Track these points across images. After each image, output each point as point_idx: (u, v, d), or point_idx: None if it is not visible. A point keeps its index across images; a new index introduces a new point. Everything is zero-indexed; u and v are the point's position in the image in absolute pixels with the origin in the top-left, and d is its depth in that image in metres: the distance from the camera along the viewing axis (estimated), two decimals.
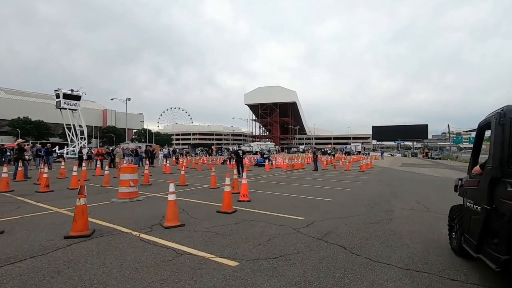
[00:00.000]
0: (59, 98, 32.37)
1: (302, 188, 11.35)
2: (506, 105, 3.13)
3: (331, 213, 6.75)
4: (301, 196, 9.23)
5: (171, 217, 5.36)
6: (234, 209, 6.81)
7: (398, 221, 6.11)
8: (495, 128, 3.15)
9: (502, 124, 3.05)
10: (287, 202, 8.25)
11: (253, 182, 13.17)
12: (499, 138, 3.07)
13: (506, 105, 3.13)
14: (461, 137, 75.45)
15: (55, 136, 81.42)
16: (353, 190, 11.06)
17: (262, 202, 8.17)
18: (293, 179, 14.76)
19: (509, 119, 3.01)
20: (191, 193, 9.78)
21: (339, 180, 14.59)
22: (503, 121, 3.04)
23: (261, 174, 17.87)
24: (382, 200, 8.72)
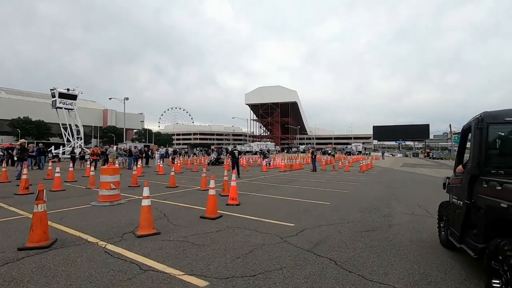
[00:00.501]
0: (55, 97, 31.93)
1: (298, 190, 10.81)
2: (484, 111, 3.46)
3: (324, 219, 6.20)
4: (295, 199, 8.69)
5: (144, 224, 4.82)
6: (219, 214, 6.28)
7: (398, 228, 5.56)
8: (474, 131, 3.49)
9: (480, 128, 3.38)
10: (279, 205, 7.71)
11: (248, 184, 12.64)
12: (477, 140, 3.39)
13: (484, 111, 3.46)
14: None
15: (56, 136, 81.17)
16: (351, 192, 10.51)
17: (252, 206, 7.64)
18: (289, 180, 14.22)
19: (486, 124, 3.35)
20: (179, 195, 9.26)
21: (337, 181, 14.04)
22: (481, 125, 3.38)
23: (258, 174, 17.34)
24: (381, 204, 8.17)
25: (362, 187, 12.14)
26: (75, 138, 33.99)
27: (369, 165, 24.37)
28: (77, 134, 34.12)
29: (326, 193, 10.23)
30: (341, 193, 10.15)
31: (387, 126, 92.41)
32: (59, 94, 31.89)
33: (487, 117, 3.41)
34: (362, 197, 9.30)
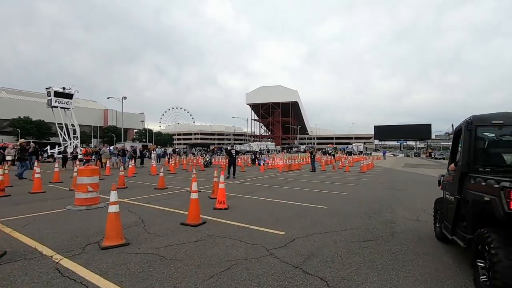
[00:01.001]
0: (50, 96, 31.30)
1: (294, 192, 10.19)
2: (473, 115, 3.76)
3: (319, 225, 5.58)
4: (289, 202, 8.07)
5: (111, 234, 4.21)
6: (203, 220, 5.67)
7: (401, 237, 4.93)
8: (464, 133, 3.80)
9: (469, 130, 3.69)
10: (272, 210, 7.09)
11: (242, 185, 12.03)
12: (467, 141, 3.71)
13: (473, 115, 3.76)
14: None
15: (57, 135, 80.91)
16: (351, 194, 9.88)
17: (242, 210, 7.02)
18: (286, 181, 13.60)
19: (474, 126, 3.65)
20: (165, 198, 8.66)
21: (337, 182, 13.41)
22: (470, 128, 3.68)
23: (255, 175, 16.72)
24: (382, 207, 7.54)
25: (362, 188, 11.50)
26: (71, 137, 33.39)
27: (370, 165, 23.70)
28: (74, 133, 33.50)
29: (323, 195, 9.60)
30: (340, 196, 9.52)
31: (388, 126, 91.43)
32: (55, 93, 31.26)
33: (475, 120, 3.73)
34: (362, 200, 8.67)
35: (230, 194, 9.43)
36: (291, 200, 8.37)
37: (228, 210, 6.87)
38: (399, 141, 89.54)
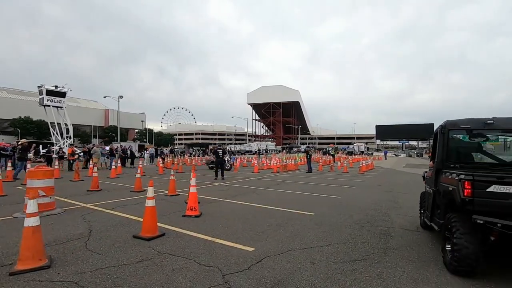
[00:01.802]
0: (42, 94, 30.64)
1: (282, 196, 9.29)
2: (447, 120, 4.39)
3: (299, 239, 4.68)
4: (273, 208, 7.16)
5: (26, 255, 3.32)
6: (161, 231, 4.79)
7: (396, 255, 4.02)
8: (439, 136, 4.49)
9: (443, 133, 4.36)
10: (250, 217, 6.19)
11: (228, 187, 11.14)
12: (441, 142, 4.39)
13: (447, 120, 4.39)
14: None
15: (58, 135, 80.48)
16: (345, 198, 8.96)
17: (216, 217, 6.13)
18: (277, 183, 12.69)
19: (447, 130, 4.32)
20: (136, 202, 7.79)
21: (332, 185, 12.49)
22: (443, 131, 4.36)
23: (246, 176, 15.83)
24: (378, 214, 6.62)
25: (358, 191, 10.58)
26: (64, 137, 32.69)
27: (369, 165, 22.75)
28: (67, 133, 32.82)
29: (314, 199, 8.69)
30: (332, 200, 8.61)
31: (390, 125, 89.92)
32: (47, 91, 30.60)
33: (448, 125, 4.30)
34: (356, 205, 7.75)
35: (211, 198, 8.57)
36: (276, 205, 7.47)
37: (200, 218, 5.99)
38: (401, 141, 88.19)
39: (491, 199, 3.26)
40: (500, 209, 3.21)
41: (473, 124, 4.21)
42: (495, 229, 3.20)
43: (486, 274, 3.43)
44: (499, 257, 3.79)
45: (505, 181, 3.22)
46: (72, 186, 10.88)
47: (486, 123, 4.11)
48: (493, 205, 3.26)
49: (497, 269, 3.64)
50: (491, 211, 3.24)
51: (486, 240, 3.37)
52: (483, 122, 4.15)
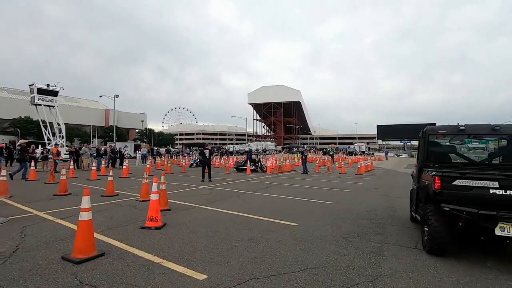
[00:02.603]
0: (33, 93, 29.87)
1: (268, 201, 8.38)
2: (427, 127, 5.17)
3: (268, 261, 3.78)
4: (252, 217, 6.27)
5: None
6: (99, 251, 3.90)
7: (389, 285, 3.11)
8: (421, 140, 5.25)
9: (424, 138, 5.06)
10: (220, 229, 5.29)
11: (212, 191, 10.24)
12: (422, 145, 5.14)
13: (427, 127, 5.17)
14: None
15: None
16: (336, 204, 8.04)
17: (180, 230, 5.23)
18: (268, 186, 11.78)
19: (427, 134, 5.00)
20: (98, 210, 6.90)
21: (325, 188, 11.55)
22: (424, 136, 5.06)
23: (237, 178, 14.93)
24: (370, 226, 5.71)
25: (353, 195, 9.65)
26: (56, 137, 31.92)
27: (368, 166, 21.79)
28: (59, 132, 32.04)
29: (302, 205, 7.78)
30: (322, 206, 7.69)
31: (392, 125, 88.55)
32: (38, 90, 29.84)
33: (428, 130, 5.08)
34: (347, 213, 6.84)
35: (186, 203, 7.68)
36: (257, 213, 6.57)
37: (160, 231, 5.09)
38: (402, 141, 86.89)
39: (456, 191, 3.95)
40: (463, 199, 3.90)
41: (448, 130, 4.92)
42: (462, 216, 3.81)
43: (457, 253, 4.19)
44: (469, 241, 4.52)
45: (466, 176, 3.94)
46: (41, 190, 10.02)
47: (459, 129, 4.78)
48: (457, 196, 3.95)
49: (466, 249, 4.39)
50: (456, 200, 3.94)
51: (455, 225, 3.99)
52: (456, 128, 4.80)
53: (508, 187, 3.71)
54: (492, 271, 3.63)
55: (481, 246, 4.47)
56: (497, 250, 4.41)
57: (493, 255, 4.17)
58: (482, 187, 3.82)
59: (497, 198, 3.74)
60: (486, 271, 3.60)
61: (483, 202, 3.79)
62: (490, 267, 3.73)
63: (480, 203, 3.80)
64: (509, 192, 3.70)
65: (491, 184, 3.78)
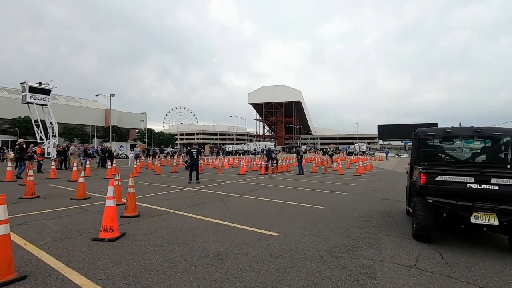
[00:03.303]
0: (24, 92, 29.17)
1: (253, 206, 7.60)
2: (418, 129, 5.63)
3: (231, 286, 3.01)
4: (229, 225, 5.50)
5: None
6: (20, 272, 3.14)
7: None
8: (413, 140, 5.74)
9: (415, 139, 5.59)
10: (187, 241, 4.52)
11: (196, 193, 9.47)
12: (414, 145, 5.66)
13: (418, 129, 5.63)
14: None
15: (60, 136, 79.33)
16: (328, 209, 7.25)
17: (138, 242, 4.46)
18: (257, 188, 11.00)
19: (418, 136, 5.53)
20: (62, 214, 6.14)
21: (319, 190, 10.76)
22: (416, 137, 5.58)
23: (228, 179, 14.15)
24: (363, 237, 4.92)
25: (348, 199, 8.86)
26: (49, 136, 31.24)
27: (368, 167, 20.98)
28: (52, 132, 31.35)
29: (289, 211, 6.99)
30: (312, 212, 6.90)
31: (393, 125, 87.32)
32: (30, 88, 29.14)
33: (419, 132, 5.57)
34: (339, 220, 6.06)
35: (161, 208, 6.92)
36: (236, 221, 5.80)
37: (114, 243, 4.33)
38: (403, 141, 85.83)
39: (439, 185, 4.50)
40: (445, 192, 4.46)
41: (437, 132, 5.44)
42: (445, 207, 4.37)
43: (442, 240, 4.71)
44: (453, 229, 5.07)
45: (447, 173, 4.48)
46: (11, 192, 9.24)
47: (446, 131, 5.26)
48: (440, 189, 4.50)
49: (450, 236, 4.94)
50: (439, 193, 4.49)
51: (440, 215, 4.52)
52: (444, 130, 5.29)
53: (482, 182, 4.26)
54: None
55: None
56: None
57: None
58: (460, 182, 4.37)
59: (473, 191, 4.30)
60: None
61: (461, 195, 4.35)
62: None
63: (459, 195, 4.35)
64: (483, 186, 4.25)
65: (467, 179, 4.32)
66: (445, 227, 4.98)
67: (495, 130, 5.27)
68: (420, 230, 4.61)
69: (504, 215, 4.08)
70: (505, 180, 4.19)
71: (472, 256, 4.08)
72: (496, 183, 4.22)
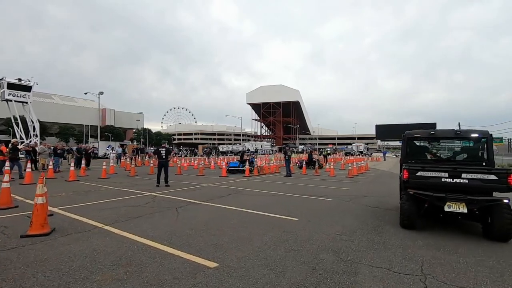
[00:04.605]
0: (3, 88, 27.72)
1: (209, 216, 6.17)
2: (406, 131, 6.42)
3: None
4: (158, 248, 4.08)
5: None
6: None
7: None
8: (402, 141, 6.49)
9: (404, 140, 6.37)
10: (79, 277, 3.12)
11: (157, 200, 8.05)
12: (403, 146, 6.46)
13: (406, 131, 6.42)
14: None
15: (53, 135, 77.81)
16: (302, 222, 5.82)
17: (5, 281, 3.05)
18: (230, 194, 9.56)
19: (406, 137, 6.33)
20: None
21: (303, 195, 9.32)
22: (404, 138, 6.36)
23: (204, 182, 12.73)
24: (336, 269, 3.51)
25: (330, 208, 7.45)
26: (30, 135, 29.78)
27: (362, 168, 19.57)
28: (33, 130, 29.89)
29: (249, 225, 5.56)
30: (279, 226, 5.48)
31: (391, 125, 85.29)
32: (8, 84, 27.68)
33: (407, 134, 6.34)
34: (308, 241, 4.64)
35: (89, 222, 5.49)
36: (174, 241, 4.39)
37: None
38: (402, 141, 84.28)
39: (419, 180, 5.21)
40: (424, 185, 5.17)
41: (422, 134, 6.33)
42: (424, 198, 5.11)
43: (425, 227, 5.46)
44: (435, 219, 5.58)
45: (426, 169, 5.21)
46: None
47: (430, 133, 6.12)
48: (420, 183, 5.21)
49: (430, 224, 5.68)
50: (419, 187, 5.21)
51: (422, 206, 5.24)
52: (428, 132, 6.15)
53: (454, 176, 4.95)
54: None
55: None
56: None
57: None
58: (436, 176, 5.06)
59: (446, 185, 4.99)
60: None
61: (437, 187, 5.06)
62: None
63: (435, 188, 5.06)
64: (455, 180, 4.95)
65: (442, 174, 5.02)
66: (427, 217, 5.62)
67: (472, 132, 6.09)
68: (404, 219, 5.30)
69: (472, 204, 4.76)
70: (473, 175, 4.87)
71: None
72: (466, 177, 4.89)
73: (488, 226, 4.86)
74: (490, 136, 5.78)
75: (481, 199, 4.76)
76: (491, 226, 4.77)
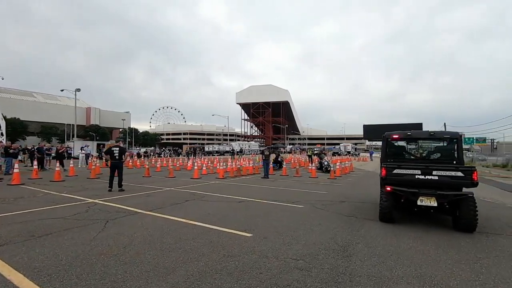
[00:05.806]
0: None
1: (148, 232, 4.90)
2: (386, 132, 6.80)
3: None
4: None
5: None
6: None
7: None
8: (383, 141, 6.85)
9: (384, 140, 6.75)
10: None
11: (98, 209, 6.70)
12: (383, 146, 6.84)
13: (386, 132, 6.80)
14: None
15: (34, 134, 74.43)
16: (255, 240, 4.61)
17: None
18: (187, 199, 8.29)
19: (386, 138, 6.70)
20: None
21: (270, 202, 8.10)
22: (384, 139, 6.74)
23: (171, 185, 11.40)
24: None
25: (298, 218, 6.25)
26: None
27: (346, 168, 18.57)
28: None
29: (188, 246, 4.31)
30: (223, 247, 4.26)
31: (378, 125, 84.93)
32: None
33: (386, 135, 6.71)
34: (252, 270, 3.43)
35: None
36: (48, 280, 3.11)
37: None
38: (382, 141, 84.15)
39: (395, 177, 5.61)
40: (399, 182, 5.57)
41: (400, 135, 6.62)
42: (400, 193, 5.50)
43: (401, 220, 5.89)
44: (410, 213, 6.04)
45: (401, 167, 5.61)
46: None
47: (407, 134, 6.50)
48: (396, 180, 5.60)
49: (406, 218, 6.13)
50: (395, 183, 5.59)
51: (399, 201, 5.67)
52: (405, 133, 6.51)
53: (426, 174, 5.39)
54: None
55: None
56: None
57: None
58: (410, 174, 5.52)
59: (419, 181, 5.44)
60: None
61: (411, 184, 5.50)
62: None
63: (410, 184, 5.51)
64: (427, 177, 5.39)
65: (416, 172, 5.47)
66: (403, 211, 6.07)
67: (445, 133, 6.87)
68: (382, 212, 5.71)
69: (441, 198, 5.24)
70: (442, 172, 5.33)
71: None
72: (436, 174, 5.35)
73: (456, 219, 5.33)
74: (460, 137, 6.32)
75: (449, 193, 5.22)
76: (458, 218, 5.23)
